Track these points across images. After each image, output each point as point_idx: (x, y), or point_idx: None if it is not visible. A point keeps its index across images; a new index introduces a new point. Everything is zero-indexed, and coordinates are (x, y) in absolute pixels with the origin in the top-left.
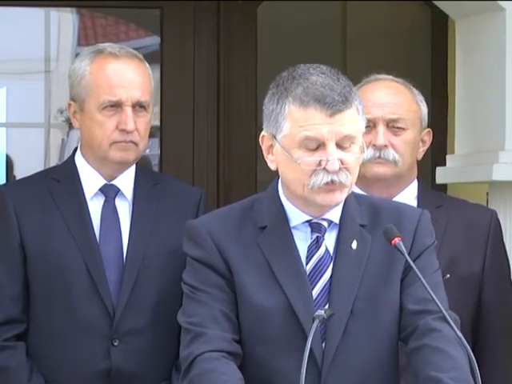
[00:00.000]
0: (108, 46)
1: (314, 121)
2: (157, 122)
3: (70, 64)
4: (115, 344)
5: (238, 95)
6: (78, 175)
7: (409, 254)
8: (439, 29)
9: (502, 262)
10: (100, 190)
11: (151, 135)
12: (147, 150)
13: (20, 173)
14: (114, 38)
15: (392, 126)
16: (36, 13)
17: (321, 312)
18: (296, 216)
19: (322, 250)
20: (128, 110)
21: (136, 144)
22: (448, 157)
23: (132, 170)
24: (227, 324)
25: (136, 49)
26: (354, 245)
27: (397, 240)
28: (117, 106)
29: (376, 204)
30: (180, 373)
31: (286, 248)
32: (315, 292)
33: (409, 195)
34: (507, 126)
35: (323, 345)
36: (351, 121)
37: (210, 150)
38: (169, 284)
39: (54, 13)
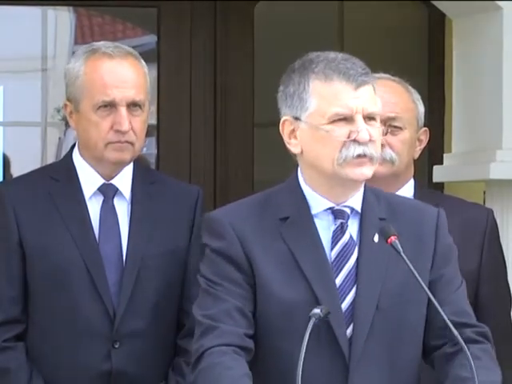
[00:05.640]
0: (102, 46)
1: (340, 95)
2: (153, 121)
3: (67, 63)
4: (116, 346)
5: (234, 94)
6: (77, 174)
7: (433, 254)
8: (436, 28)
9: (499, 261)
10: (98, 189)
11: (148, 134)
12: (144, 149)
13: (17, 171)
14: (111, 36)
15: (389, 124)
16: (33, 11)
17: (317, 311)
18: (318, 203)
19: (346, 237)
20: (122, 110)
21: (132, 144)
22: (445, 155)
23: (130, 169)
24: (241, 319)
25: (133, 47)
26: (376, 238)
27: (393, 238)
28: (111, 106)
29: (392, 199)
30: (177, 373)
31: (310, 238)
32: (339, 280)
33: (405, 194)
34: (504, 125)
35: (349, 339)
36: (373, 97)
37: (207, 149)
38: (168, 284)
39: (51, 11)
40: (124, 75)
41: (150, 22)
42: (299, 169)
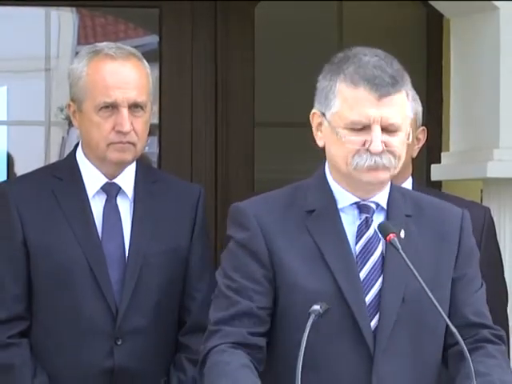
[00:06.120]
0: (105, 47)
1: (362, 102)
2: (155, 121)
3: (70, 63)
4: (118, 343)
5: (235, 93)
6: (80, 173)
7: (457, 254)
8: (434, 27)
9: (496, 258)
10: (102, 188)
11: (150, 133)
12: (146, 148)
13: (21, 170)
14: (114, 36)
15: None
16: (36, 12)
17: (316, 307)
18: (344, 198)
19: (371, 231)
20: (124, 111)
21: (133, 144)
22: (443, 154)
23: (132, 168)
24: (248, 320)
25: (135, 47)
26: (402, 234)
27: (391, 236)
28: (113, 107)
29: (418, 198)
30: (178, 369)
31: (335, 231)
32: (363, 273)
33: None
34: (501, 124)
35: (374, 330)
36: (399, 106)
37: (207, 148)
38: (170, 282)
39: (54, 12)
40: (126, 76)
41: (151, 23)
42: (326, 163)
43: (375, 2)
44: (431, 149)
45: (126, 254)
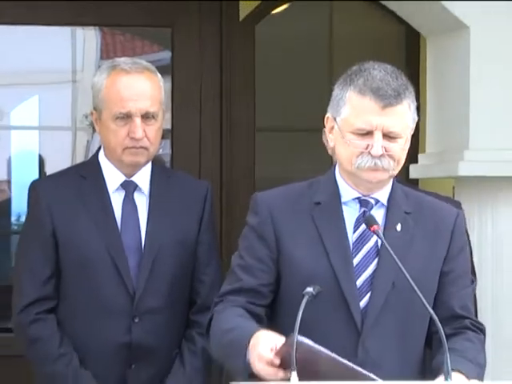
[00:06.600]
0: (122, 62)
1: (367, 111)
2: (168, 126)
3: (93, 75)
4: (136, 321)
5: (238, 102)
6: (102, 173)
7: (447, 250)
8: (413, 43)
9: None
10: (121, 185)
11: (163, 137)
12: (160, 150)
13: (50, 170)
14: (131, 52)
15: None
16: (64, 31)
17: (309, 289)
18: (347, 193)
19: None
20: (137, 120)
21: (146, 149)
22: (420, 155)
23: (148, 168)
24: (248, 293)
25: (150, 62)
26: (399, 227)
27: (375, 227)
28: (127, 116)
29: (419, 197)
30: (189, 341)
31: (336, 221)
32: (357, 259)
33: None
34: (471, 129)
35: (363, 309)
36: (400, 116)
37: (214, 150)
38: (181, 268)
39: (80, 31)
40: (139, 89)
41: (164, 40)
42: (337, 162)
43: (362, 17)
44: (409, 151)
45: (142, 244)
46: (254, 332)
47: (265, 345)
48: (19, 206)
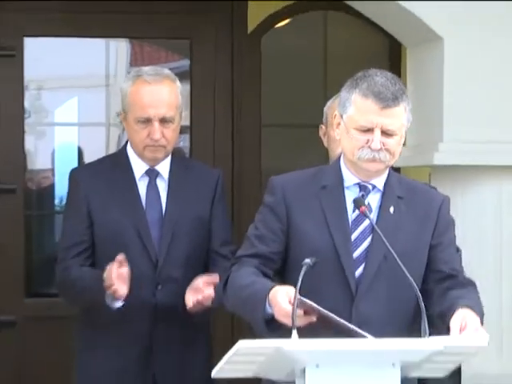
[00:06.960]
0: (145, 72)
1: (369, 111)
2: (187, 123)
3: (123, 81)
4: (159, 288)
5: (247, 103)
6: (130, 162)
7: (435, 225)
8: (395, 53)
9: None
10: (145, 173)
11: (182, 132)
12: (181, 143)
13: (87, 160)
14: (156, 61)
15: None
16: (99, 42)
17: (307, 260)
18: (349, 179)
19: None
20: (156, 124)
21: (164, 146)
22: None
23: (169, 158)
24: (264, 259)
25: (171, 69)
26: (392, 209)
27: (363, 208)
28: (147, 121)
29: (411, 184)
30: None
31: (338, 202)
32: (355, 235)
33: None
34: (444, 124)
35: (358, 278)
36: (397, 117)
37: (226, 143)
38: (197, 240)
39: (113, 42)
40: (159, 96)
41: (184, 50)
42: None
43: (353, 34)
44: None
45: (163, 221)
46: (271, 286)
47: (283, 298)
48: (61, 190)
